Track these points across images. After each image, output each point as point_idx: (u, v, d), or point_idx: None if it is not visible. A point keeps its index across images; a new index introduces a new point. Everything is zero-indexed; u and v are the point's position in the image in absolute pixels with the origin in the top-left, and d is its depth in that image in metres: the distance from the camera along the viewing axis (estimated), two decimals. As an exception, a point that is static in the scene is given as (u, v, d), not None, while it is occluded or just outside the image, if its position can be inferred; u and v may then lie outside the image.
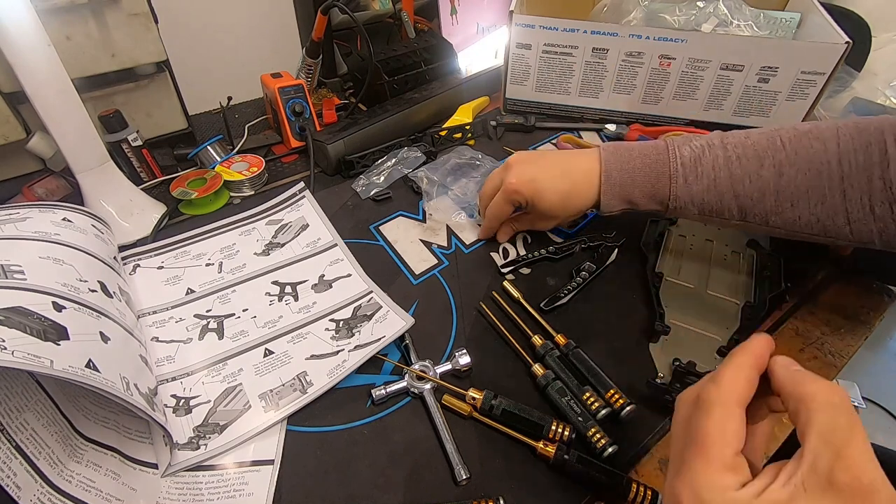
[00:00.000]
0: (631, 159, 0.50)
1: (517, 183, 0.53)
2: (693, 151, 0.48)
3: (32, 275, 0.38)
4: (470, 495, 0.38)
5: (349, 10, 0.74)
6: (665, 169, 0.48)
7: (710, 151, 0.48)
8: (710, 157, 0.48)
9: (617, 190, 0.50)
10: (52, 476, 0.36)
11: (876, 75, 0.80)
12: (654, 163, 0.49)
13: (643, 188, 0.49)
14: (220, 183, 0.66)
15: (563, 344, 0.48)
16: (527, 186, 0.53)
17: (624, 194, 0.50)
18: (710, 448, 0.23)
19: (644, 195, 0.50)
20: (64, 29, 0.56)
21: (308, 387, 0.44)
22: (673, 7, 0.84)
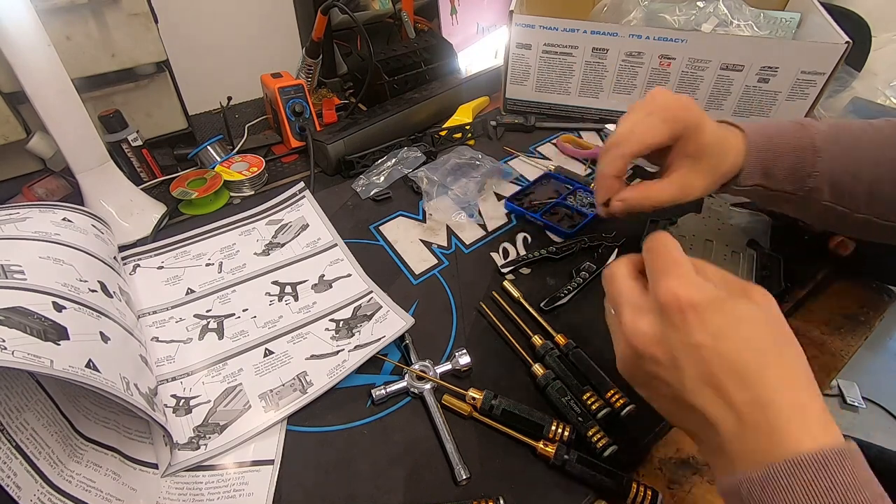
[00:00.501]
0: (774, 133, 0.44)
1: (687, 99, 0.42)
2: (829, 128, 0.44)
3: (32, 275, 0.38)
4: (470, 495, 0.38)
5: (349, 10, 0.74)
6: (809, 142, 0.43)
7: (845, 130, 0.44)
8: (848, 135, 0.43)
9: (762, 157, 0.44)
10: (52, 476, 0.36)
11: (876, 75, 0.80)
12: (795, 136, 0.44)
13: (787, 160, 0.44)
14: (220, 183, 0.66)
15: (563, 344, 0.48)
16: (694, 105, 0.42)
17: (766, 165, 0.44)
18: (623, 305, 0.31)
19: (785, 169, 0.44)
20: (64, 29, 0.56)
21: (308, 387, 0.44)
22: (673, 7, 0.84)
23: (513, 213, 0.66)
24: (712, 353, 0.26)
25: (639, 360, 0.30)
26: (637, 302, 0.30)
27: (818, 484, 0.23)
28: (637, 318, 0.30)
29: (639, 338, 0.29)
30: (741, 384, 0.26)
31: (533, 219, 0.64)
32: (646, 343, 0.29)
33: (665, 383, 0.29)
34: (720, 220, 0.62)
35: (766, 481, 0.24)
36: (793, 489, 0.23)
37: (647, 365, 0.29)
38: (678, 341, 0.27)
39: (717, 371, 0.26)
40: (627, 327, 0.30)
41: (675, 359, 0.28)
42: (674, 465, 0.41)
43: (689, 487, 0.40)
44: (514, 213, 0.65)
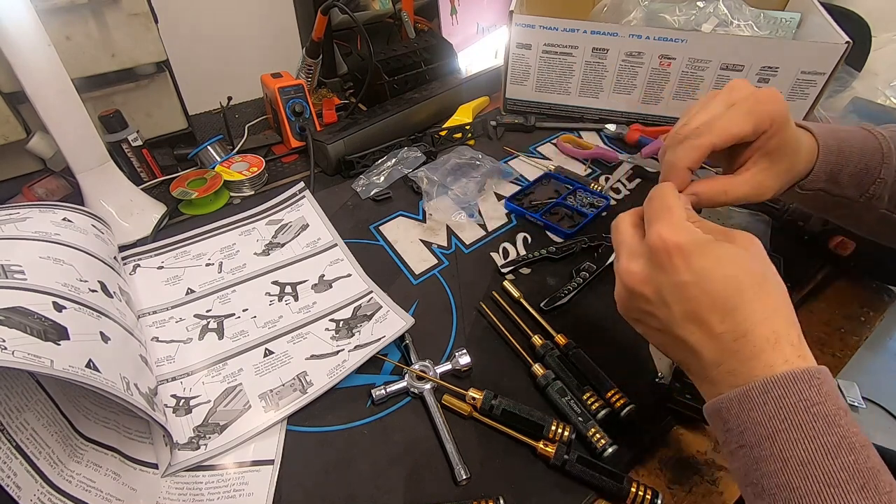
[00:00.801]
0: (844, 136, 0.43)
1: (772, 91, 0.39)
2: (891, 134, 0.43)
3: (33, 275, 0.38)
4: (470, 495, 0.38)
5: (349, 10, 0.74)
6: (877, 147, 0.42)
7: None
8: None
9: (831, 160, 0.42)
10: (52, 476, 0.36)
11: (876, 75, 0.80)
12: (863, 141, 0.43)
13: (854, 166, 0.42)
14: (220, 183, 0.66)
15: (563, 344, 0.48)
16: (781, 98, 0.39)
17: (834, 169, 0.42)
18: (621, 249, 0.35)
19: (851, 175, 0.42)
20: (64, 29, 0.56)
21: (308, 387, 0.44)
22: (673, 7, 0.84)
23: (513, 213, 0.66)
24: (696, 291, 0.29)
25: (631, 298, 0.33)
26: (632, 246, 0.34)
27: (787, 399, 0.26)
28: (630, 261, 0.33)
29: (630, 278, 0.32)
30: (721, 317, 0.29)
31: (533, 219, 0.64)
32: (636, 282, 0.32)
33: (655, 319, 0.32)
34: (720, 220, 0.62)
35: (743, 399, 0.28)
36: (765, 404, 0.27)
37: (638, 303, 0.32)
38: (665, 281, 0.30)
39: (700, 307, 0.29)
40: (622, 269, 0.33)
41: (663, 297, 0.31)
42: (674, 465, 0.41)
43: (689, 487, 0.40)
44: (514, 213, 0.65)
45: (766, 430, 0.27)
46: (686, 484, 0.40)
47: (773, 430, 0.26)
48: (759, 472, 0.27)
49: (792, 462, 0.25)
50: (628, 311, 0.35)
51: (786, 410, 0.26)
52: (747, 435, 0.27)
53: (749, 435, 0.27)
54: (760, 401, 0.27)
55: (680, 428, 0.43)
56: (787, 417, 0.26)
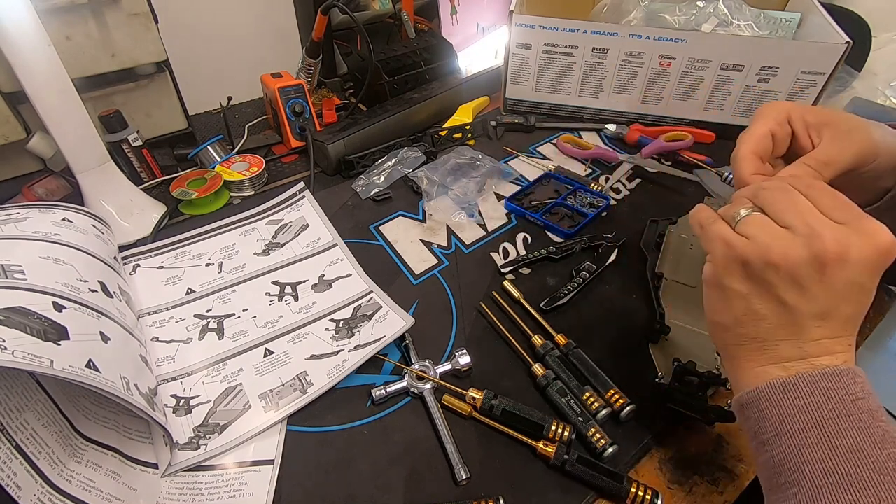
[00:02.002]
0: None
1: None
2: None
3: (33, 275, 0.38)
4: (470, 495, 0.38)
5: (349, 10, 0.74)
6: None
7: None
8: None
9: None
10: (52, 476, 0.36)
11: (876, 75, 0.80)
12: None
13: None
14: (220, 183, 0.66)
15: (563, 344, 0.48)
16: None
17: None
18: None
19: None
20: (64, 29, 0.56)
21: (308, 387, 0.44)
22: (673, 7, 0.84)
23: (513, 213, 0.66)
24: (865, 299, 0.29)
25: (808, 267, 0.28)
26: (840, 227, 0.29)
27: (835, 392, 0.27)
28: (842, 237, 0.28)
29: (838, 253, 0.28)
30: (852, 330, 0.30)
31: (533, 219, 0.64)
32: (838, 260, 0.28)
33: (803, 298, 0.29)
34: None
35: (787, 388, 0.29)
36: (812, 394, 0.28)
37: (810, 276, 0.28)
38: (859, 276, 0.28)
39: (854, 315, 0.29)
40: (828, 239, 0.28)
41: (842, 289, 0.28)
42: (674, 465, 0.41)
43: (689, 487, 0.40)
44: (514, 213, 0.65)
45: (814, 417, 0.27)
46: (686, 484, 0.40)
47: (822, 418, 0.27)
48: (799, 460, 0.27)
49: (840, 449, 0.26)
50: (776, 269, 0.29)
51: (834, 401, 0.27)
52: (789, 423, 0.28)
53: (792, 423, 0.28)
54: (808, 390, 0.28)
55: (680, 428, 0.43)
56: (835, 408, 0.27)
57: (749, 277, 0.31)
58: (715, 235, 0.32)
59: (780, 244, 0.29)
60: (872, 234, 0.28)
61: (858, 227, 0.28)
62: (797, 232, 0.29)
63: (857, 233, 0.28)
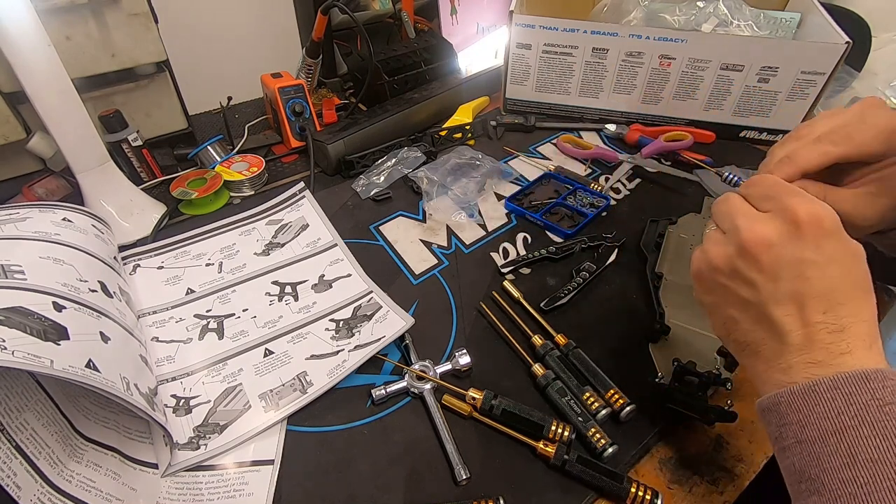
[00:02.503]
0: None
1: None
2: None
3: (33, 275, 0.38)
4: (470, 495, 0.38)
5: (349, 10, 0.74)
6: None
7: None
8: None
9: None
10: (52, 476, 0.36)
11: (876, 75, 0.80)
12: None
13: None
14: (220, 183, 0.66)
15: (563, 344, 0.48)
16: None
17: None
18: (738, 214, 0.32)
19: None
20: (64, 29, 0.56)
21: (308, 387, 0.44)
22: (673, 7, 0.84)
23: (513, 213, 0.66)
24: (816, 272, 0.29)
25: (737, 260, 0.31)
26: (756, 214, 0.31)
27: (859, 396, 0.26)
28: (756, 222, 0.30)
29: (753, 237, 0.30)
30: (825, 307, 0.28)
31: (533, 219, 0.64)
32: (756, 244, 0.30)
33: (751, 290, 0.30)
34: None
35: (808, 393, 0.28)
36: (833, 399, 0.27)
37: (743, 267, 0.30)
38: (790, 253, 0.29)
39: (810, 291, 0.29)
40: (744, 226, 0.30)
41: (777, 269, 0.29)
42: (674, 465, 0.41)
43: (689, 487, 0.40)
44: (514, 213, 0.65)
45: (834, 425, 0.26)
46: (686, 484, 0.40)
47: (843, 426, 0.26)
48: (818, 468, 0.27)
49: (860, 458, 0.25)
50: (719, 273, 0.32)
51: (856, 407, 0.26)
52: (809, 430, 0.27)
53: (811, 430, 0.27)
54: (829, 396, 0.27)
55: (680, 428, 0.43)
56: (857, 414, 0.26)
57: (708, 288, 0.33)
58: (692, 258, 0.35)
59: (714, 248, 0.32)
60: (793, 209, 0.29)
61: (781, 208, 0.30)
62: (726, 232, 0.32)
63: (778, 214, 0.30)
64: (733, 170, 0.68)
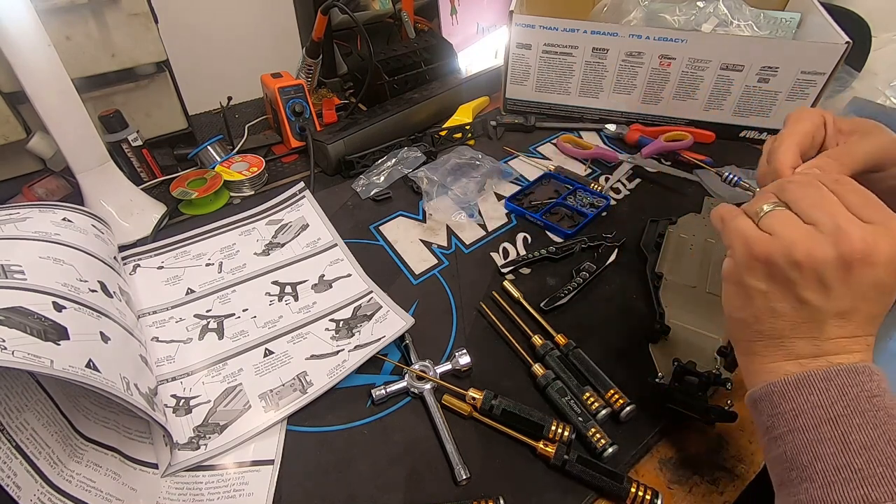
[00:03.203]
0: None
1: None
2: None
3: (32, 275, 0.38)
4: (470, 495, 0.38)
5: (349, 10, 0.74)
6: None
7: None
8: None
9: None
10: (52, 476, 0.36)
11: (876, 75, 0.80)
12: None
13: None
14: (220, 183, 0.66)
15: (563, 344, 0.48)
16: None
17: None
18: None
19: None
20: (64, 29, 0.56)
21: (308, 387, 0.44)
22: (673, 7, 0.84)
23: (513, 213, 0.66)
24: (887, 301, 0.29)
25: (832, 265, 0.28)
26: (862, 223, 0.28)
27: (851, 388, 0.27)
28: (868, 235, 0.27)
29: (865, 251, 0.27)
30: (870, 331, 0.29)
31: (533, 219, 0.64)
32: (864, 260, 0.27)
33: (823, 295, 0.28)
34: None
35: (802, 383, 0.28)
36: (827, 390, 0.28)
37: (835, 275, 0.28)
38: (885, 277, 0.28)
39: (869, 314, 0.29)
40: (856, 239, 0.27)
41: (866, 289, 0.28)
42: (674, 465, 0.41)
43: (689, 487, 0.40)
44: (514, 213, 0.65)
45: (828, 413, 0.27)
46: (686, 484, 0.40)
47: (836, 414, 0.27)
48: (811, 455, 0.27)
49: (854, 445, 0.26)
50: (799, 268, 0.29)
51: (848, 398, 0.27)
52: (802, 418, 0.28)
53: (805, 418, 0.28)
54: (822, 386, 0.28)
55: (680, 428, 0.43)
56: (849, 404, 0.27)
57: (770, 275, 0.30)
58: (736, 231, 0.31)
59: (804, 242, 0.28)
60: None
61: (887, 226, 0.27)
62: (823, 229, 0.28)
63: (886, 232, 0.27)
64: (733, 170, 0.68)
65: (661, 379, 0.43)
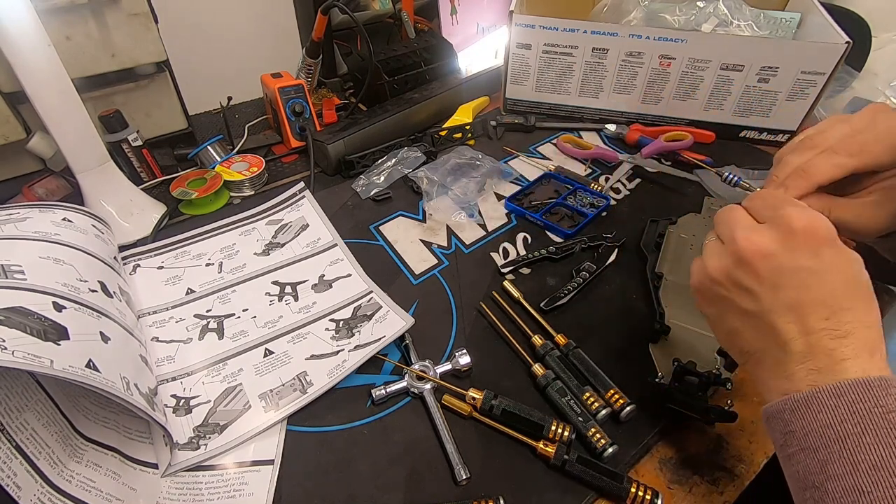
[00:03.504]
0: None
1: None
2: None
3: (33, 275, 0.38)
4: (470, 495, 0.38)
5: (349, 10, 0.74)
6: None
7: None
8: None
9: None
10: (52, 476, 0.36)
11: (876, 75, 0.80)
12: None
13: None
14: (220, 183, 0.66)
15: (563, 344, 0.48)
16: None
17: None
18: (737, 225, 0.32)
19: None
20: (64, 29, 0.56)
21: (308, 387, 0.44)
22: (673, 7, 0.84)
23: (513, 213, 0.66)
24: (814, 280, 0.29)
25: (735, 270, 0.31)
26: (753, 225, 0.32)
27: (862, 404, 0.26)
28: (754, 232, 0.31)
29: (750, 247, 0.30)
30: (828, 314, 0.29)
31: (533, 219, 0.64)
32: (754, 254, 0.30)
33: (752, 300, 0.31)
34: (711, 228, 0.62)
35: (811, 401, 0.28)
36: (837, 407, 0.27)
37: (742, 277, 0.31)
38: (788, 262, 0.29)
39: (809, 298, 0.29)
40: (741, 237, 0.31)
41: (776, 278, 0.30)
42: (674, 465, 0.41)
43: (689, 487, 0.40)
44: (514, 213, 0.65)
45: (837, 432, 0.27)
46: (686, 484, 0.40)
47: (845, 434, 0.26)
48: (823, 476, 0.27)
49: (863, 465, 0.25)
50: (719, 284, 0.32)
51: (859, 415, 0.26)
52: (812, 437, 0.27)
53: (815, 437, 0.27)
54: (832, 404, 0.27)
55: (680, 428, 0.43)
56: (860, 422, 0.26)
57: (709, 299, 0.34)
58: (692, 270, 0.35)
59: (712, 259, 0.33)
60: (788, 219, 0.30)
61: (777, 218, 0.30)
62: (725, 242, 0.32)
63: (774, 224, 0.30)
64: (733, 170, 0.68)
65: (661, 379, 0.43)
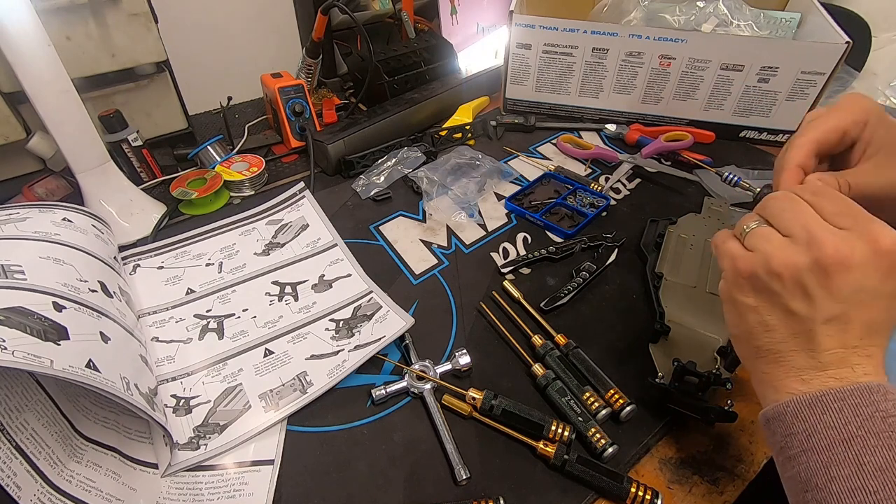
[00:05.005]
0: None
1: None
2: None
3: (33, 275, 0.38)
4: (470, 495, 0.38)
5: (349, 10, 0.74)
6: None
7: None
8: None
9: None
10: (52, 476, 0.36)
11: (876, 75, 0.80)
12: None
13: None
14: (220, 183, 0.66)
15: (563, 344, 0.48)
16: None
17: None
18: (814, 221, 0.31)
19: None
20: (64, 29, 0.56)
21: (308, 387, 0.44)
22: (673, 7, 0.84)
23: (513, 213, 0.66)
24: (881, 303, 0.28)
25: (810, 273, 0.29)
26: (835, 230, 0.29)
27: (865, 408, 0.27)
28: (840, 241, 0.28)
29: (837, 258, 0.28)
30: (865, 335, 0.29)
31: (533, 219, 0.64)
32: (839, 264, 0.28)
33: (807, 304, 0.29)
34: (720, 220, 0.62)
35: (815, 403, 0.28)
36: (841, 410, 0.27)
37: (811, 281, 0.29)
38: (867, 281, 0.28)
39: (863, 318, 0.28)
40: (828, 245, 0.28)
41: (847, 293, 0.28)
42: (674, 465, 0.41)
43: (689, 487, 0.40)
44: (514, 213, 0.65)
45: (841, 434, 0.27)
46: (686, 484, 0.40)
47: (850, 435, 0.27)
48: (826, 477, 0.27)
49: (868, 467, 0.26)
50: (778, 279, 0.30)
51: (862, 418, 0.27)
52: (816, 439, 0.28)
53: (818, 439, 0.28)
54: (836, 406, 0.28)
55: (680, 428, 0.43)
56: (863, 424, 0.27)
57: (756, 289, 0.31)
58: (725, 252, 0.33)
59: (780, 253, 0.30)
60: (876, 236, 0.28)
61: (862, 231, 0.28)
62: (798, 240, 0.29)
63: (860, 237, 0.28)
64: (733, 170, 0.68)
65: (661, 379, 0.43)
